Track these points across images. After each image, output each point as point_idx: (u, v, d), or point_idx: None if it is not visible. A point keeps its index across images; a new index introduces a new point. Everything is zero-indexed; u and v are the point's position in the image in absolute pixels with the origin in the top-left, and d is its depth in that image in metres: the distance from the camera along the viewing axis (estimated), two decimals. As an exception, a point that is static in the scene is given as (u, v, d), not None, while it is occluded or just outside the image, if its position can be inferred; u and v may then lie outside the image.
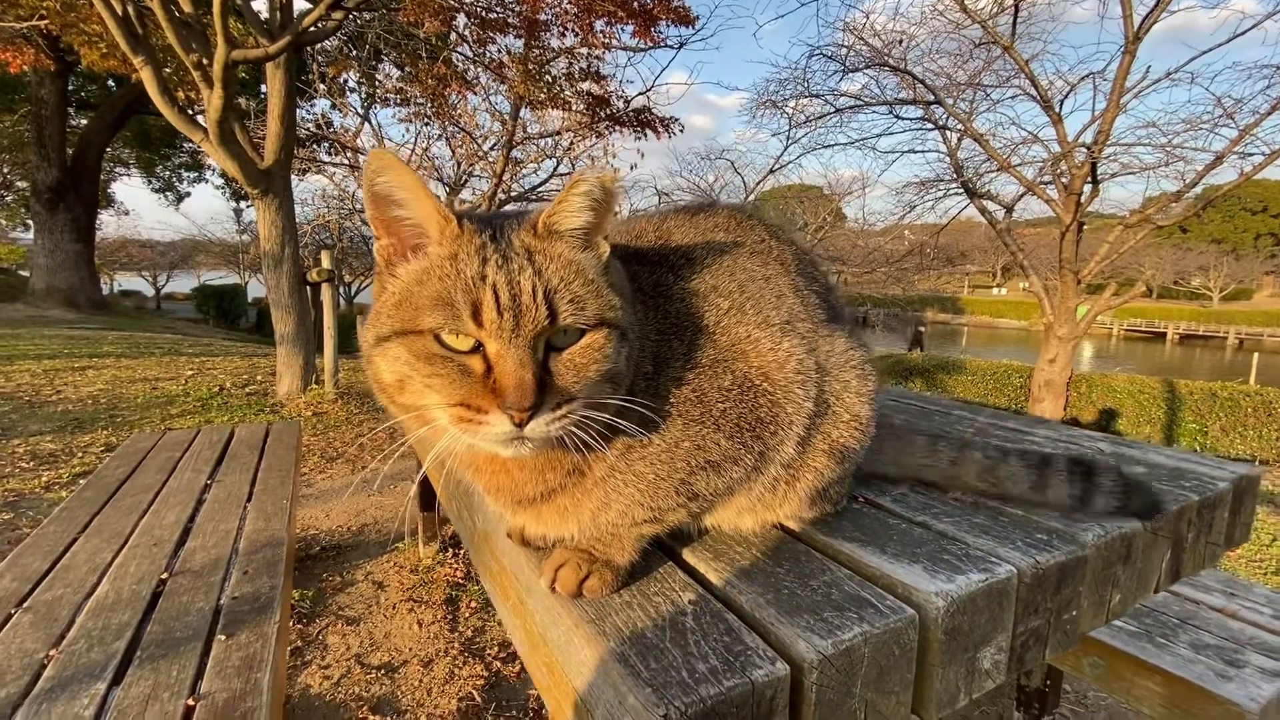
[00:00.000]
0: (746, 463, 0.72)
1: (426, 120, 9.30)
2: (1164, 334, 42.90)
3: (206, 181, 19.00)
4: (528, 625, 0.75)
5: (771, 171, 12.88)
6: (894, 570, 0.71)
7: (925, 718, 0.68)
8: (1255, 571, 3.92)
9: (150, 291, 32.03)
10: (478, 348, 0.55)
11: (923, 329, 18.47)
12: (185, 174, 18.90)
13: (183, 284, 34.75)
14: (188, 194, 20.07)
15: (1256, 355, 20.66)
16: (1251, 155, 7.46)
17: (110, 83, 13.74)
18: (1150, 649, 1.78)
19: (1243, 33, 7.34)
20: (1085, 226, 9.04)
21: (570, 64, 7.86)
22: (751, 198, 14.57)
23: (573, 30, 6.66)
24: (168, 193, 19.54)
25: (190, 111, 6.14)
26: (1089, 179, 8.07)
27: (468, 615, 2.77)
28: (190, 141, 5.74)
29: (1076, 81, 8.36)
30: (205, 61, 4.96)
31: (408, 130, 10.22)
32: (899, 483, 1.00)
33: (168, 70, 6.38)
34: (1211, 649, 1.80)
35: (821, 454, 0.78)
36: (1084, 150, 8.03)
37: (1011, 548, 0.78)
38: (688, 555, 0.76)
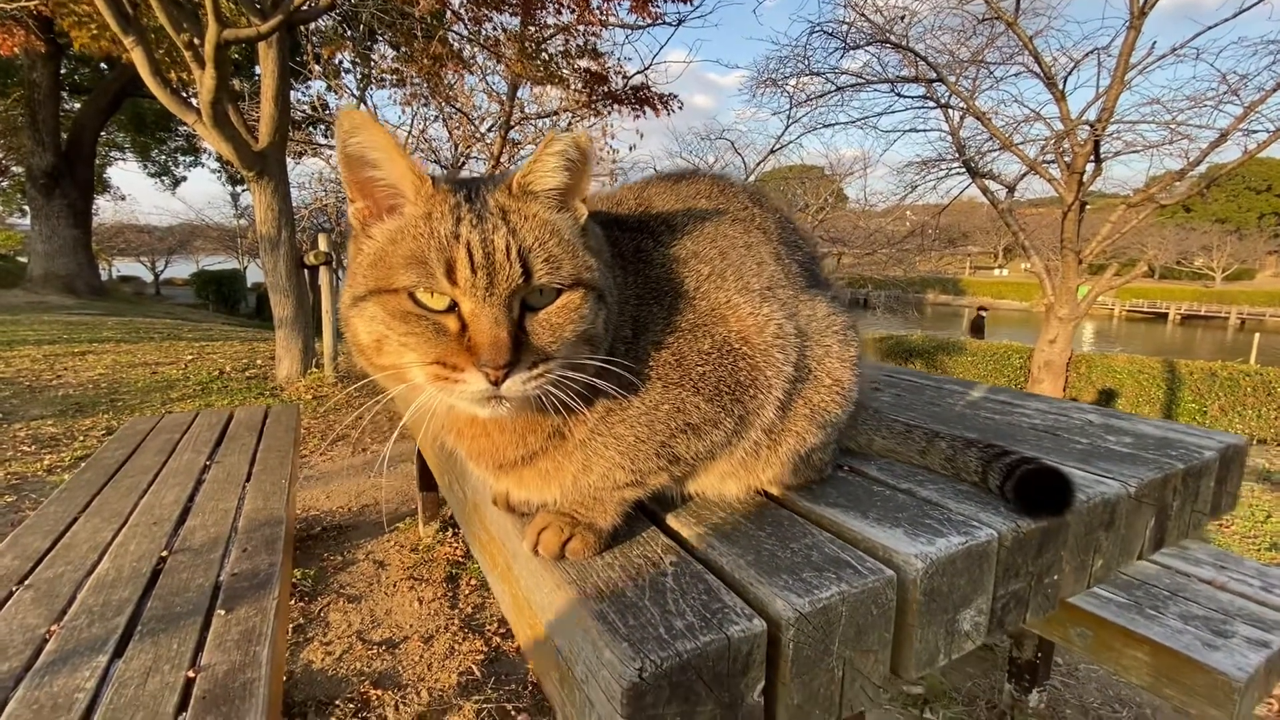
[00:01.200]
0: (727, 426, 0.73)
1: (424, 101, 9.19)
2: (1166, 314, 42.75)
3: (202, 165, 18.85)
4: (514, 591, 0.76)
5: (772, 151, 12.73)
6: (875, 534, 0.72)
7: (904, 677, 0.69)
8: (1249, 547, 3.94)
9: (149, 277, 31.90)
10: (453, 306, 0.55)
11: (984, 312, 16.84)
12: (181, 158, 18.75)
13: (181, 269, 34.62)
14: (184, 178, 19.92)
15: (1257, 335, 20.59)
16: (1256, 132, 7.36)
17: (103, 65, 13.58)
18: (1139, 620, 1.78)
19: (1249, 7, 7.21)
20: (1088, 206, 8.95)
21: (567, 41, 7.75)
22: (752, 178, 14.42)
23: (569, 7, 6.56)
24: (164, 177, 19.41)
25: (184, 93, 6.08)
26: (1092, 157, 7.98)
27: (468, 592, 2.80)
28: (185, 125, 5.68)
29: (1081, 58, 8.22)
30: (197, 41, 4.89)
31: (404, 112, 10.06)
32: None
33: (160, 51, 6.30)
34: (1200, 620, 1.81)
35: (803, 418, 0.79)
36: (1087, 128, 7.93)
37: (994, 513, 0.78)
38: (671, 520, 0.77)
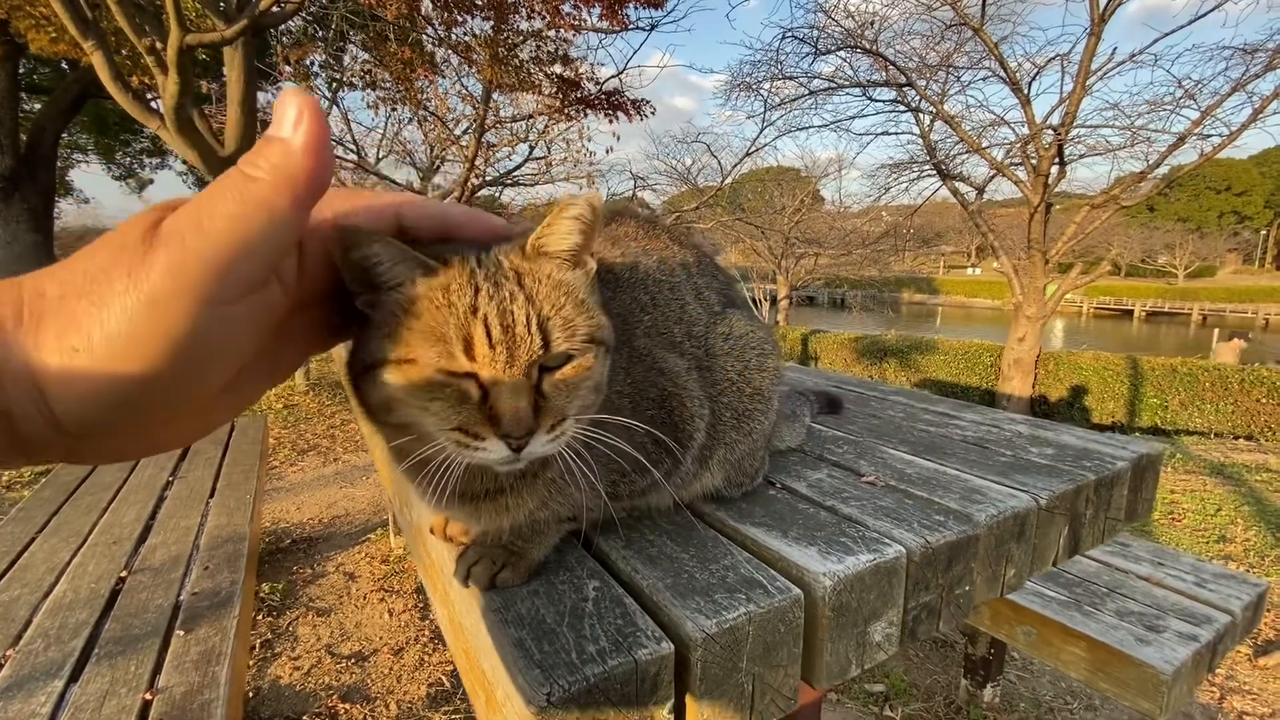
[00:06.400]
0: (667, 463, 0.79)
1: (394, 106, 9.11)
2: (1132, 311, 44.02)
3: (169, 168, 18.33)
4: (451, 614, 0.79)
5: (748, 154, 12.87)
6: (791, 553, 0.77)
7: (816, 687, 0.73)
8: (1198, 540, 4.10)
9: (116, 282, 31.03)
10: (473, 374, 0.54)
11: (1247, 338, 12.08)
12: (147, 160, 18.26)
13: (150, 274, 33.75)
14: (150, 181, 19.40)
15: (1217, 331, 21.25)
16: (1210, 136, 7.64)
17: (64, 66, 13.21)
18: (1077, 617, 1.89)
19: (1204, 14, 7.48)
20: (1055, 207, 9.20)
21: (539, 47, 7.75)
22: (729, 180, 14.57)
23: (540, 13, 6.57)
24: (129, 180, 18.90)
25: (147, 97, 5.96)
26: (1056, 160, 8.21)
27: (437, 603, 2.81)
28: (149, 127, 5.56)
29: (1044, 63, 8.45)
30: (159, 46, 4.80)
31: (376, 114, 9.95)
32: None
33: (122, 54, 6.17)
34: (1135, 615, 1.91)
35: (730, 428, 0.85)
36: (1051, 132, 8.16)
37: (907, 529, 0.83)
38: (601, 542, 0.80)
